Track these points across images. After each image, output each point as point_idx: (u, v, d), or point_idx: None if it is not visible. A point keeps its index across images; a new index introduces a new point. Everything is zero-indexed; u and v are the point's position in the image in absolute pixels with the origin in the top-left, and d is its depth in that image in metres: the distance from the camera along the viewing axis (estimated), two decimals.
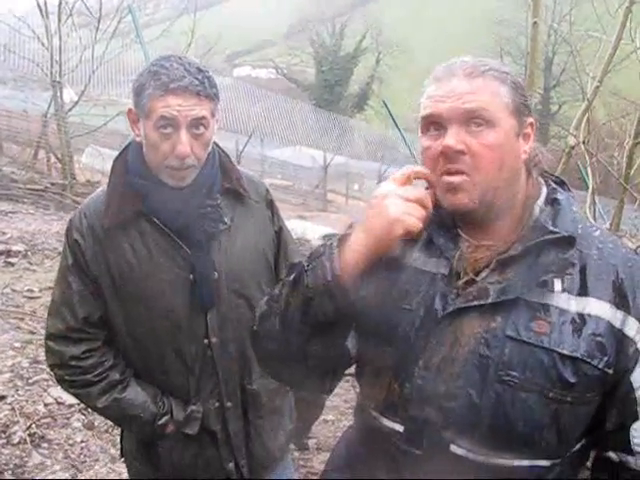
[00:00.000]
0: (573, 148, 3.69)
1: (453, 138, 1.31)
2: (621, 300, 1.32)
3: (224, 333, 1.98)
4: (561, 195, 1.41)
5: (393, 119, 14.31)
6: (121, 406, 1.96)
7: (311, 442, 4.21)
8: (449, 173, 1.33)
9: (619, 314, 1.31)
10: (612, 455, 1.39)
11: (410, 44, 45.99)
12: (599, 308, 1.31)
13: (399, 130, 14.50)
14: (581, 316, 1.31)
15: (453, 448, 1.36)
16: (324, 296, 1.34)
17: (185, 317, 1.93)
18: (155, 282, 1.90)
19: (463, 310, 1.35)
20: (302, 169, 22.83)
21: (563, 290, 1.32)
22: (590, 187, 4.24)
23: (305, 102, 31.71)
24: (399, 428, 1.44)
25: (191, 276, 1.91)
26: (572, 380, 1.29)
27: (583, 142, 3.86)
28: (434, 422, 1.37)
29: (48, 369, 2.23)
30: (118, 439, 3.76)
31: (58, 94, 11.55)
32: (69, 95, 12.54)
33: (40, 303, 5.73)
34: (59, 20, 11.56)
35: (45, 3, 11.51)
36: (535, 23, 3.40)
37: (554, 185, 1.46)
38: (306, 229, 10.16)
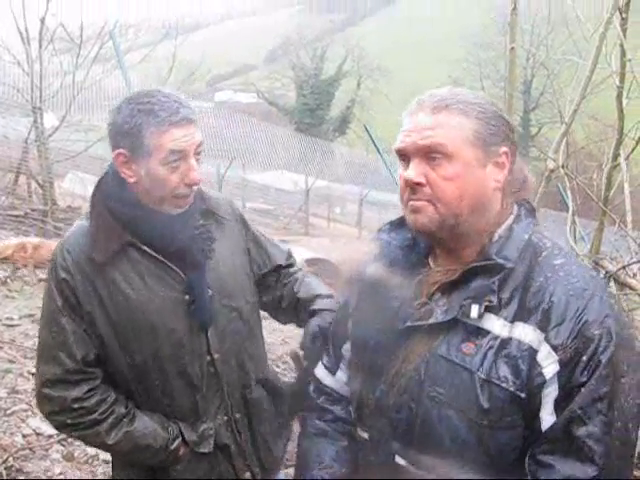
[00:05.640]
0: (553, 171, 3.71)
1: (413, 171, 1.42)
2: (545, 323, 1.33)
3: (224, 347, 2.02)
4: (519, 224, 1.45)
5: (374, 143, 14.37)
6: (132, 438, 1.94)
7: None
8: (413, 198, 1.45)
9: (540, 336, 1.32)
10: None
11: (391, 68, 46.34)
12: (523, 331, 1.34)
13: (379, 153, 14.56)
14: (507, 341, 1.34)
15: (398, 459, 1.48)
16: None
17: (186, 338, 1.95)
18: (153, 308, 1.91)
19: (414, 329, 1.45)
20: (284, 193, 22.85)
21: (480, 316, 1.36)
22: (570, 209, 4.26)
23: (286, 126, 31.86)
24: (366, 436, 1.59)
25: (187, 297, 1.93)
26: (485, 405, 1.34)
27: (562, 166, 3.88)
28: (386, 432, 1.51)
29: (27, 402, 2.14)
30: (98, 470, 3.74)
31: (39, 120, 11.50)
32: (51, 121, 12.49)
33: (19, 331, 5.64)
34: (40, 46, 11.54)
35: (26, 29, 11.49)
36: (512, 48, 3.43)
37: (523, 213, 1.49)
38: None
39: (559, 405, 1.30)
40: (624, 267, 3.83)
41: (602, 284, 1.39)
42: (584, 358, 1.28)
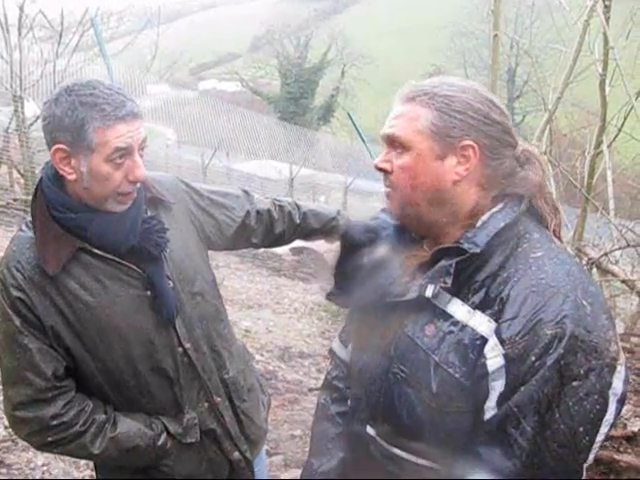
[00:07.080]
0: None
1: (379, 158, 1.50)
2: (499, 315, 1.31)
3: (194, 336, 1.99)
4: (499, 214, 1.44)
5: (358, 131, 14.35)
6: (118, 443, 1.90)
7: (279, 458, 4.16)
8: (385, 185, 1.52)
9: (492, 328, 1.31)
10: None
11: (375, 56, 46.25)
12: (479, 320, 1.34)
13: (363, 142, 14.53)
14: (464, 327, 1.35)
15: (369, 428, 1.54)
16: None
17: (155, 334, 1.91)
18: (116, 310, 1.86)
19: (392, 306, 1.48)
20: (268, 182, 22.76)
21: (435, 296, 1.39)
22: (553, 197, 4.27)
23: (270, 115, 31.77)
24: (348, 403, 1.69)
25: (149, 293, 1.89)
26: (434, 388, 1.36)
27: (545, 152, 3.89)
28: (361, 402, 1.58)
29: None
30: (81, 461, 3.71)
31: (20, 109, 11.39)
32: (32, 109, 12.37)
33: None
34: (19, 34, 11.42)
35: (5, 16, 11.36)
36: (496, 36, 3.42)
37: (511, 202, 1.46)
38: None
39: (502, 399, 1.29)
40: (606, 254, 3.86)
41: (577, 283, 1.32)
42: (532, 357, 1.26)
